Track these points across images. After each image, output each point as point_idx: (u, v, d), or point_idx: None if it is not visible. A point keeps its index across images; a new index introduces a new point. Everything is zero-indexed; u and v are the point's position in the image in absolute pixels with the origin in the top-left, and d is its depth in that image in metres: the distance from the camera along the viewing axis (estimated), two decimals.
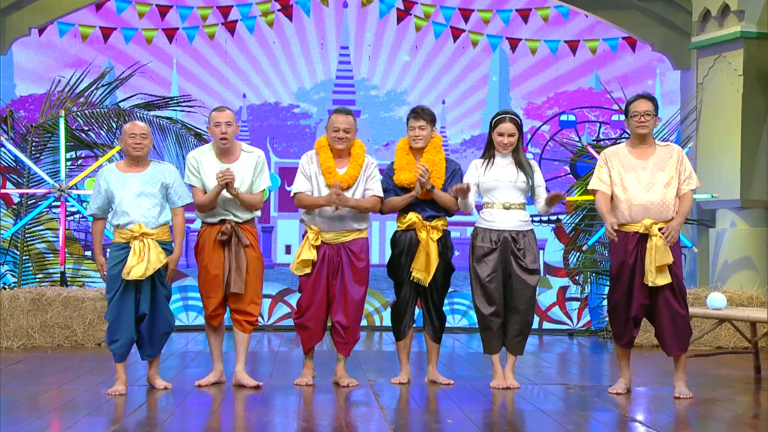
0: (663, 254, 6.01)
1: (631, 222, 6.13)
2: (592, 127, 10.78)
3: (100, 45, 10.45)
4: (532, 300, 6.45)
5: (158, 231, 6.16)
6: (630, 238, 6.13)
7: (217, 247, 6.35)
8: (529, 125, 10.72)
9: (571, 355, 8.94)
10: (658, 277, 6.03)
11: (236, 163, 6.38)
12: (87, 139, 9.69)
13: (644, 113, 6.13)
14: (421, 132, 6.56)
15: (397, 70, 10.81)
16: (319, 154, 6.50)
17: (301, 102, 10.76)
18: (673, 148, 6.24)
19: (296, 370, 6.85)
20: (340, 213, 6.42)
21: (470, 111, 10.84)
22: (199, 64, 10.61)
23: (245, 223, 6.41)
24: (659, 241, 6.02)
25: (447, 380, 6.61)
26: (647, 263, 6.05)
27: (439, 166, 6.58)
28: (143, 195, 6.14)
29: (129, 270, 6.04)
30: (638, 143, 6.22)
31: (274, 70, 10.74)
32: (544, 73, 10.79)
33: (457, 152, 10.67)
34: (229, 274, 6.32)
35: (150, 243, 6.07)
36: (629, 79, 10.63)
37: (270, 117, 10.75)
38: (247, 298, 6.39)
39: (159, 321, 6.22)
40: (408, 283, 6.60)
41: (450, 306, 10.35)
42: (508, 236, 6.39)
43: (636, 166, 6.15)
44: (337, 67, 10.78)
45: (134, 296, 6.15)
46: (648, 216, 6.09)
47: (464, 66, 10.80)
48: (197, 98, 10.12)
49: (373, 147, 10.46)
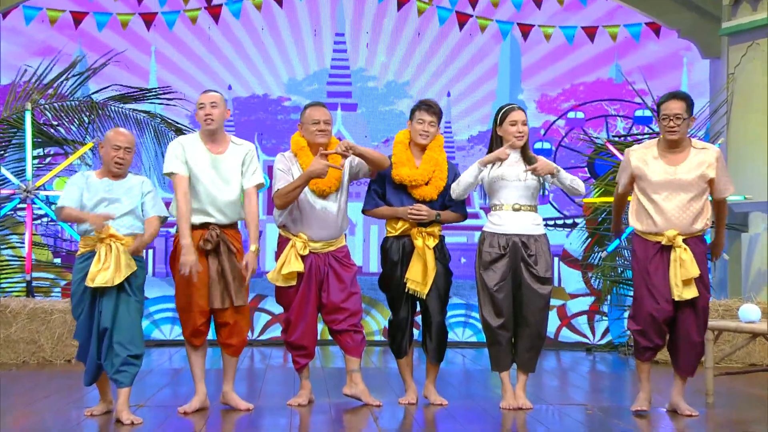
0: (689, 267, 6.03)
1: (654, 232, 6.14)
2: (612, 122, 10.77)
3: (70, 31, 10.44)
4: (544, 311, 6.40)
5: (129, 239, 5.99)
6: (651, 246, 6.16)
7: (200, 255, 6.21)
8: (542, 120, 10.71)
9: (590, 372, 8.91)
10: (685, 291, 6.04)
11: (224, 155, 6.29)
12: (56, 134, 9.68)
13: (674, 116, 6.08)
14: (431, 128, 6.56)
15: (398, 59, 10.81)
16: (300, 157, 6.48)
17: (293, 94, 10.75)
18: (709, 152, 6.18)
19: (285, 388, 6.81)
20: (328, 216, 6.41)
21: (478, 104, 10.84)
22: (180, 53, 10.61)
23: (229, 227, 6.31)
24: (684, 253, 6.04)
25: (441, 400, 6.57)
26: (672, 276, 6.07)
27: (442, 166, 6.58)
28: (116, 201, 6.03)
29: (93, 276, 5.85)
30: (669, 146, 6.19)
31: (263, 59, 10.75)
32: (560, 62, 10.81)
33: (463, 149, 10.66)
34: (226, 286, 6.19)
35: (119, 247, 5.90)
36: (653, 69, 10.63)
37: (258, 111, 10.74)
38: (237, 315, 6.28)
39: (123, 339, 5.90)
40: (404, 296, 6.57)
41: (455, 318, 10.34)
42: (517, 241, 6.36)
43: (664, 172, 6.14)
44: (332, 56, 10.78)
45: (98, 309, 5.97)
46: (673, 227, 6.10)
47: (471, 55, 10.81)
48: (178, 90, 10.10)
49: (371, 144, 10.45)
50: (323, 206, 6.43)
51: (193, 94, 9.90)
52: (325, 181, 6.38)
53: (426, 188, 6.53)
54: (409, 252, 6.52)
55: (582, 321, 10.60)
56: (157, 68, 10.56)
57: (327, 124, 6.47)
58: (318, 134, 6.44)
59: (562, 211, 10.56)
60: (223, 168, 6.26)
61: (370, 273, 10.52)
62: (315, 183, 6.37)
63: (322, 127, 6.44)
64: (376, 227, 10.50)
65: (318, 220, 6.43)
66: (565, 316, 10.61)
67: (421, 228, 6.51)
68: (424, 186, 6.52)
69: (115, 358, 5.89)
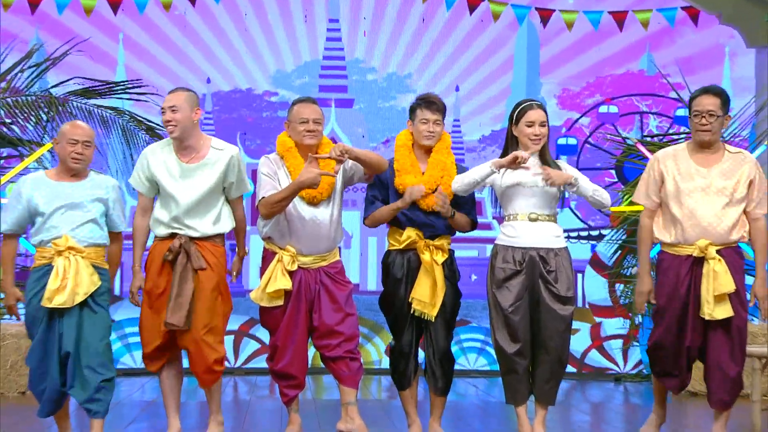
0: (723, 280, 6.01)
1: (684, 243, 6.15)
2: (644, 120, 10.76)
3: (26, 16, 10.43)
4: (566, 336, 6.35)
5: (91, 251, 6.00)
6: (682, 261, 6.15)
7: (166, 268, 6.24)
8: (564, 117, 10.71)
9: (617, 405, 8.90)
10: (717, 309, 6.03)
11: (199, 164, 6.27)
12: (9, 134, 9.64)
13: (707, 113, 6.11)
14: (436, 128, 6.54)
15: (401, 49, 10.82)
16: (287, 159, 6.46)
17: (280, 88, 10.76)
18: (745, 158, 6.22)
19: (272, 423, 6.80)
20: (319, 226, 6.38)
21: (491, 101, 10.86)
22: (153, 40, 10.61)
23: (205, 239, 6.28)
24: (718, 265, 6.03)
25: None
26: (704, 292, 6.05)
27: (451, 171, 6.55)
28: (77, 207, 6.03)
29: (51, 295, 5.84)
30: (700, 147, 6.22)
31: (247, 48, 10.75)
32: (584, 53, 10.81)
33: (473, 151, 10.65)
34: (168, 302, 6.15)
35: (79, 261, 5.91)
36: (690, 60, 10.61)
37: (241, 107, 10.76)
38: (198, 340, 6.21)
39: (93, 363, 5.90)
40: (409, 318, 6.56)
41: (462, 343, 10.38)
42: (535, 255, 6.33)
43: (695, 174, 6.16)
44: (325, 45, 10.79)
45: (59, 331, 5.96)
46: (705, 236, 6.11)
47: (484, 44, 10.82)
48: (149, 83, 10.06)
49: (369, 145, 10.48)
50: (314, 215, 6.39)
51: (167, 87, 9.87)
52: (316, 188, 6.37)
53: (434, 196, 6.51)
54: (415, 268, 6.50)
55: (615, 345, 10.55)
56: (126, 58, 10.56)
57: (317, 124, 6.43)
58: (306, 135, 6.41)
59: (586, 221, 10.55)
60: (198, 178, 6.26)
61: (369, 292, 10.52)
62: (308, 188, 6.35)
63: (311, 126, 6.41)
64: (375, 239, 10.48)
65: (308, 230, 6.40)
66: (597, 336, 10.59)
67: (428, 241, 6.51)
68: (432, 194, 6.49)
69: (86, 385, 5.88)
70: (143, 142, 9.62)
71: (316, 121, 6.43)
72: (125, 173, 9.44)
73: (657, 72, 10.52)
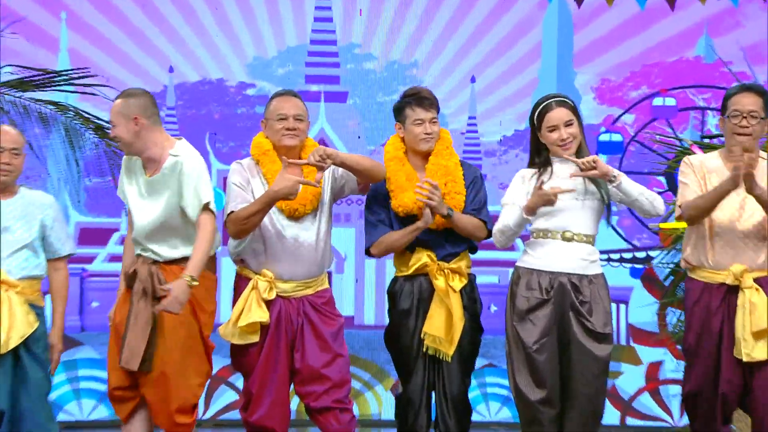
0: (761, 314, 6.08)
1: (714, 268, 6.24)
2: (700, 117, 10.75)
3: None
4: (601, 380, 6.36)
5: (25, 284, 6.09)
6: (714, 292, 6.26)
7: (129, 296, 6.30)
8: (603, 114, 10.68)
9: None
10: (757, 348, 6.10)
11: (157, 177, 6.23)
12: None
13: (749, 113, 6.19)
14: (433, 128, 6.64)
15: (406, 33, 10.83)
16: (263, 165, 6.45)
17: (258, 79, 10.75)
18: None
19: None
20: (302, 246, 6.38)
21: (515, 95, 10.83)
22: (105, 19, 10.59)
23: (171, 263, 6.27)
24: (756, 295, 6.11)
25: None
26: (738, 328, 6.14)
27: (455, 174, 6.59)
28: (5, 232, 6.10)
29: None
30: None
31: (220, 31, 10.74)
32: (628, 37, 10.82)
33: (492, 155, 10.62)
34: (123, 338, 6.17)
35: (12, 298, 5.97)
36: (758, 47, 10.60)
37: (211, 101, 10.74)
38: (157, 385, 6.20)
39: (34, 427, 6.08)
40: (420, 358, 6.55)
41: (486, 388, 10.34)
42: (566, 282, 6.33)
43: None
44: (313, 27, 10.79)
45: None
46: (738, 260, 6.20)
47: (506, 27, 10.83)
48: (99, 72, 10.02)
49: (367, 148, 10.52)
50: (295, 233, 6.43)
51: (121, 77, 9.87)
52: (298, 198, 6.37)
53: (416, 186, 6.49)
54: (428, 297, 6.56)
55: (674, 391, 10.45)
56: (71, 40, 10.53)
57: (298, 121, 6.47)
58: (285, 135, 6.46)
59: (630, 241, 10.49)
60: (156, 193, 6.27)
61: (366, 326, 10.52)
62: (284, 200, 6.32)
63: (290, 124, 6.44)
64: (373, 262, 10.43)
65: (288, 251, 6.43)
66: (654, 377, 10.51)
67: (443, 264, 6.46)
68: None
69: None
70: (91, 143, 9.59)
71: (298, 117, 6.47)
72: (69, 182, 9.42)
73: (717, 59, 10.49)
